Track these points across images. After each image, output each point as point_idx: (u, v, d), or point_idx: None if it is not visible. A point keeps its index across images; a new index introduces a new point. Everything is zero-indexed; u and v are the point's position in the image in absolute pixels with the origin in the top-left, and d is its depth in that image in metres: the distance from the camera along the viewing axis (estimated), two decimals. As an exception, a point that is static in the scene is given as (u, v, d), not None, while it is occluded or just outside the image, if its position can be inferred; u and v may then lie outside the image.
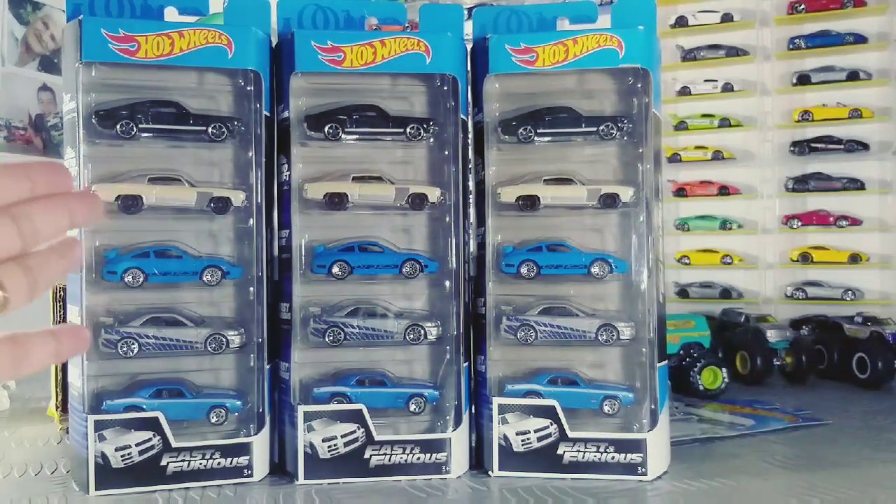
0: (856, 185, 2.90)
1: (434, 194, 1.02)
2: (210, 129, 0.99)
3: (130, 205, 0.96)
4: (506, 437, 0.99)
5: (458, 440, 1.00)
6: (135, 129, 0.97)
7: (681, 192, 3.13)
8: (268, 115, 1.00)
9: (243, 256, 1.00)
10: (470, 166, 1.05)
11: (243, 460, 0.97)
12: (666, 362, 1.03)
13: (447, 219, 1.02)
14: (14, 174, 0.49)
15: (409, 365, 1.05)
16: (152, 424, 0.94)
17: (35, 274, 0.49)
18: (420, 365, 1.05)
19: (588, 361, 1.05)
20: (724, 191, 3.07)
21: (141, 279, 0.96)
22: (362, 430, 0.97)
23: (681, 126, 3.13)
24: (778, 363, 1.68)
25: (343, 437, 0.97)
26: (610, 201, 1.02)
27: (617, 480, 0.97)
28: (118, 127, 0.96)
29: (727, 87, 3.09)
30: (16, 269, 0.48)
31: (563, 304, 1.04)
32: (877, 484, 0.95)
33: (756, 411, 1.36)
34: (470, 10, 1.11)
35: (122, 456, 0.93)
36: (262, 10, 1.01)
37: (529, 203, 1.03)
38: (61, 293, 1.23)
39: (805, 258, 2.93)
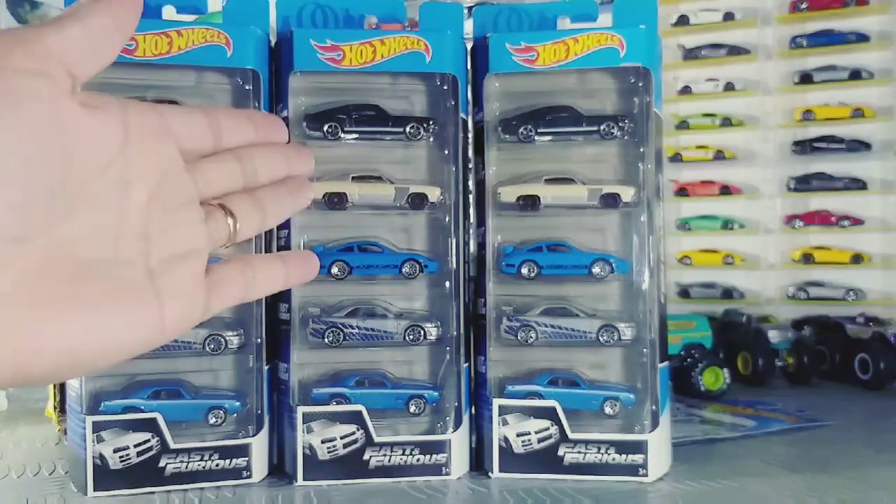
0: (858, 184, 2.88)
1: (434, 194, 1.01)
2: (209, 129, 0.98)
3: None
4: (506, 439, 0.98)
5: (459, 441, 1.00)
6: (133, 128, 0.96)
7: (682, 191, 3.12)
8: (267, 114, 0.99)
9: (242, 256, 1.00)
10: (470, 166, 1.04)
11: (242, 462, 0.96)
12: (667, 363, 1.02)
13: (447, 219, 1.01)
14: (239, 118, 0.52)
15: (408, 366, 1.04)
16: (150, 425, 0.93)
17: (265, 206, 0.51)
18: (420, 366, 1.04)
19: (589, 362, 1.04)
20: (726, 191, 3.06)
21: (139, 279, 0.95)
22: (362, 431, 0.97)
23: (682, 125, 3.12)
24: (780, 364, 1.68)
25: (342, 438, 0.97)
26: (611, 201, 1.02)
27: (618, 482, 0.96)
28: (116, 126, 0.95)
29: (729, 87, 3.08)
30: (247, 200, 0.50)
31: (563, 304, 1.04)
32: (879, 485, 0.95)
33: (758, 412, 1.36)
34: (470, 8, 1.11)
35: (120, 457, 0.92)
36: (261, 9, 1.00)
37: (530, 203, 1.02)
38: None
39: (807, 258, 2.91)
